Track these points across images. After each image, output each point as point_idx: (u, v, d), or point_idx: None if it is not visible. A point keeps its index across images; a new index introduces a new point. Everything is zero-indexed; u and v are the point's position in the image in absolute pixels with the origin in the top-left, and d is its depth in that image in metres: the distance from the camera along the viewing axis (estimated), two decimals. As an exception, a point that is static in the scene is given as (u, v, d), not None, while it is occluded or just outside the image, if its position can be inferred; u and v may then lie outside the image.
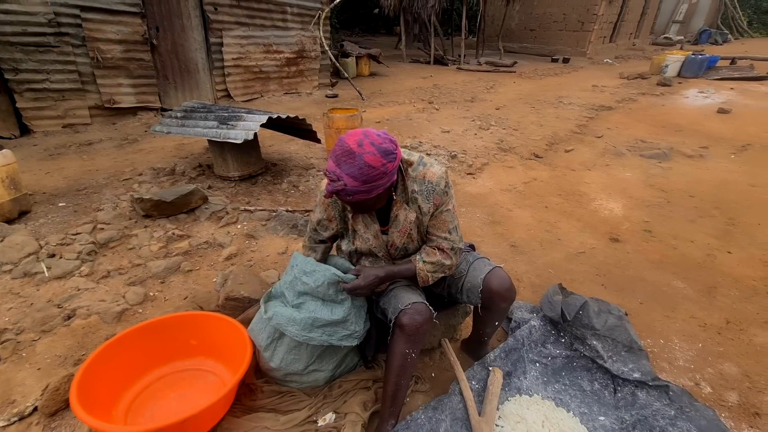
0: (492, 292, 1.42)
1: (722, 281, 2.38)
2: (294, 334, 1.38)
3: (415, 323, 1.29)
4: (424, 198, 1.34)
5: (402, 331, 1.31)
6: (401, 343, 1.32)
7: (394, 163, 1.20)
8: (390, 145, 1.19)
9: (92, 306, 1.97)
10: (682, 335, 1.96)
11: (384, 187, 1.22)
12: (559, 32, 13.47)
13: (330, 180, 1.19)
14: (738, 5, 20.04)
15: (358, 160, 1.14)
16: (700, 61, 9.15)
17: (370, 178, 1.16)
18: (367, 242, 1.45)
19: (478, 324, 1.65)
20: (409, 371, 1.37)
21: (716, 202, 3.35)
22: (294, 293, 1.44)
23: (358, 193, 1.18)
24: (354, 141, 1.17)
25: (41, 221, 2.68)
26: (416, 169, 1.34)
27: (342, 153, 1.17)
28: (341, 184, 1.16)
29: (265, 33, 6.23)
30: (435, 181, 1.33)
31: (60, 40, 4.29)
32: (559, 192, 3.53)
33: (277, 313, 1.42)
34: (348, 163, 1.15)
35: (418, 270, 1.40)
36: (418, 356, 1.37)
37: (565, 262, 2.54)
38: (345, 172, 1.16)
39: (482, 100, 6.89)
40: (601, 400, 1.57)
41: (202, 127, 3.08)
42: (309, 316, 1.38)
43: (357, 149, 1.15)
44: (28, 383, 1.62)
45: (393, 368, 1.34)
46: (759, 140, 4.92)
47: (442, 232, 1.39)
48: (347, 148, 1.16)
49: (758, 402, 1.63)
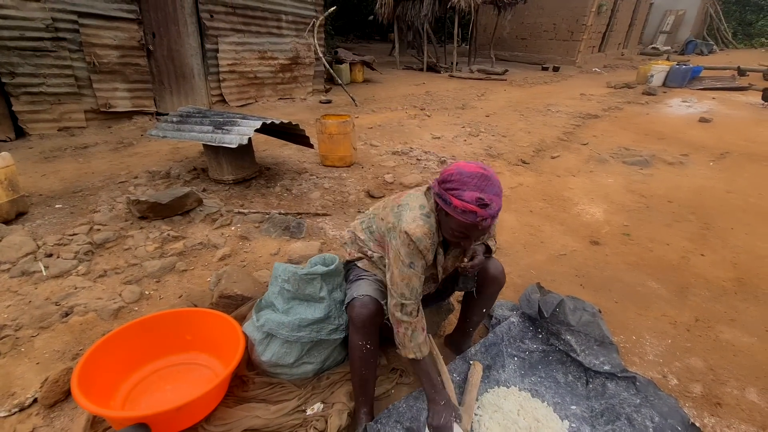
0: (488, 275, 1.54)
1: (694, 282, 2.50)
2: (285, 335, 1.50)
3: (360, 316, 1.36)
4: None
5: (352, 323, 1.39)
6: (354, 335, 1.40)
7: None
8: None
9: (89, 303, 2.04)
10: (653, 332, 2.08)
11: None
12: (549, 41, 13.77)
13: (482, 206, 1.14)
14: (723, 17, 20.60)
15: (494, 180, 1.17)
16: (684, 72, 9.43)
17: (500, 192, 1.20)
18: (447, 271, 1.50)
19: (467, 312, 1.74)
20: (370, 362, 1.43)
21: (693, 208, 3.50)
22: (284, 300, 1.57)
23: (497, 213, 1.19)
24: (477, 167, 1.20)
25: (38, 222, 2.73)
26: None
27: (480, 179, 1.16)
28: (495, 206, 1.16)
29: (260, 40, 6.34)
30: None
31: (57, 45, 4.36)
32: (544, 197, 3.65)
33: (268, 320, 1.55)
34: (489, 185, 1.16)
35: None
36: (376, 347, 1.44)
37: (546, 263, 2.65)
38: (491, 193, 1.16)
39: (473, 108, 7.04)
40: (574, 391, 1.67)
41: (198, 131, 3.16)
42: (296, 318, 1.51)
43: (486, 172, 1.18)
44: (27, 376, 1.68)
45: (354, 360, 1.43)
46: (737, 148, 5.11)
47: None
48: (481, 173, 1.17)
49: (720, 393, 1.75)
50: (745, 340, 2.04)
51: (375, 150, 4.59)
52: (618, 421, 1.48)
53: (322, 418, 1.48)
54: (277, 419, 1.49)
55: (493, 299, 1.67)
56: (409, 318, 1.33)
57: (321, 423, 1.46)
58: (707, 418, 1.63)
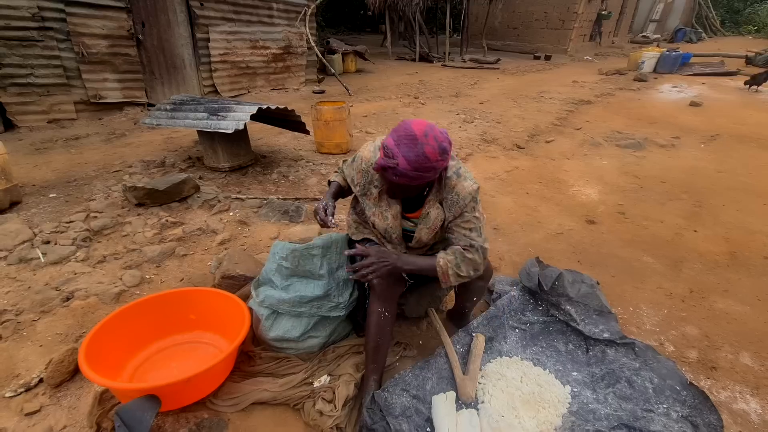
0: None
1: (688, 256, 2.56)
2: (286, 311, 1.51)
3: (383, 284, 1.41)
4: (448, 206, 1.40)
5: (374, 291, 1.44)
6: (375, 303, 1.45)
7: (445, 162, 1.27)
8: (447, 146, 1.25)
9: (90, 288, 2.03)
10: (650, 303, 2.12)
11: (426, 180, 1.27)
12: (540, 30, 13.76)
13: (385, 155, 1.23)
14: (711, 5, 20.72)
15: (419, 147, 1.19)
16: (674, 58, 9.50)
17: (422, 168, 1.21)
18: (386, 221, 1.49)
19: (459, 298, 1.78)
20: (386, 330, 1.47)
21: (685, 187, 3.55)
22: (282, 277, 1.59)
23: (405, 176, 1.23)
24: (420, 129, 1.22)
25: (33, 211, 2.70)
26: (450, 177, 1.39)
27: (405, 135, 1.21)
28: (394, 162, 1.21)
29: (252, 29, 6.27)
30: (463, 195, 1.37)
31: (44, 34, 4.27)
32: (540, 179, 3.69)
33: (267, 296, 1.57)
34: (408, 146, 1.20)
35: (439, 258, 1.37)
36: (394, 316, 1.49)
37: (544, 242, 2.68)
38: (402, 153, 1.20)
39: (467, 95, 7.04)
40: (575, 359, 1.71)
41: (192, 118, 3.13)
42: (296, 295, 1.54)
43: (421, 138, 1.20)
44: (31, 359, 1.68)
45: (371, 327, 1.46)
46: (727, 131, 5.18)
47: (464, 231, 1.39)
48: (412, 133, 1.21)
49: (715, 358, 1.80)
50: (738, 309, 2.10)
51: (371, 137, 4.59)
52: (618, 384, 1.52)
53: (329, 389, 1.50)
54: (285, 392, 1.51)
55: (480, 291, 1.65)
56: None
57: (329, 393, 1.48)
58: (703, 380, 1.68)
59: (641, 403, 1.43)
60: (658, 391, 1.47)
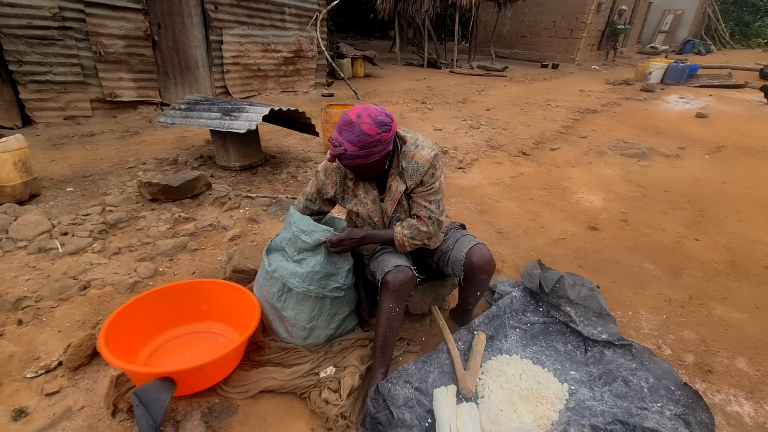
0: (473, 264, 1.60)
1: (688, 264, 2.60)
2: (295, 285, 1.56)
3: (397, 281, 1.48)
4: (409, 175, 1.50)
5: (386, 288, 1.50)
6: (386, 299, 1.51)
7: (389, 134, 1.38)
8: (385, 118, 1.37)
9: (106, 278, 2.11)
10: (649, 308, 2.17)
11: (380, 155, 1.40)
12: (549, 39, 13.84)
13: (333, 146, 1.38)
14: (721, 17, 20.73)
15: (356, 128, 1.34)
16: (682, 69, 9.53)
17: (367, 144, 1.34)
18: (366, 206, 1.61)
19: (463, 293, 1.84)
20: (395, 325, 1.54)
21: (689, 197, 3.59)
22: (295, 249, 1.62)
23: (357, 157, 1.37)
24: (354, 113, 1.37)
25: (51, 203, 2.80)
26: (408, 148, 1.51)
27: (343, 123, 1.37)
28: (342, 149, 1.36)
29: (264, 32, 6.39)
30: (421, 162, 1.47)
31: (64, 33, 4.41)
32: (544, 186, 3.74)
33: (280, 267, 1.61)
34: (348, 131, 1.35)
35: (396, 233, 1.55)
36: (403, 312, 1.56)
37: (546, 246, 2.73)
38: (345, 138, 1.35)
39: (473, 102, 7.12)
40: (573, 359, 1.76)
41: (207, 118, 3.23)
42: (310, 270, 1.57)
43: (356, 119, 1.35)
44: (50, 342, 1.75)
45: (381, 321, 1.52)
46: (732, 142, 5.21)
47: (423, 202, 1.52)
48: (347, 119, 1.37)
49: (711, 362, 1.84)
50: (735, 316, 2.14)
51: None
52: (615, 383, 1.57)
53: (335, 379, 1.56)
54: (292, 381, 1.57)
55: (483, 285, 1.71)
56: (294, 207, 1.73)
57: (334, 383, 1.54)
58: (699, 383, 1.72)
59: (636, 401, 1.48)
60: (653, 391, 1.51)
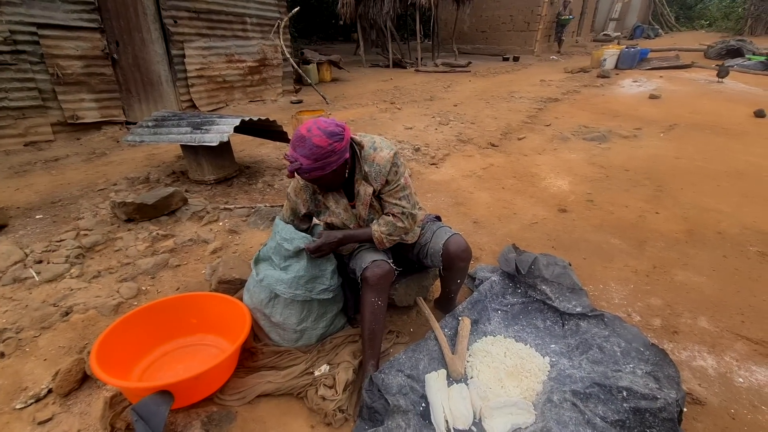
0: (450, 254, 1.68)
1: (651, 236, 2.78)
2: (282, 291, 1.61)
3: (375, 275, 1.55)
4: (374, 178, 1.56)
5: (367, 283, 1.56)
6: (368, 293, 1.57)
7: (342, 143, 1.42)
8: (335, 128, 1.42)
9: (88, 302, 2.08)
10: (618, 280, 2.32)
11: (337, 164, 1.44)
12: (507, 33, 14.26)
13: (289, 162, 1.43)
14: (665, 2, 21.86)
15: (308, 142, 1.38)
16: (633, 54, 10.03)
17: (320, 156, 1.39)
18: (339, 216, 1.67)
19: (444, 283, 1.92)
20: (380, 317, 1.60)
21: (647, 174, 3.82)
22: (280, 257, 1.68)
23: (314, 170, 1.41)
24: (305, 128, 1.42)
25: (21, 233, 2.72)
26: (367, 152, 1.55)
27: (296, 138, 1.42)
28: (298, 164, 1.41)
29: (227, 43, 6.34)
30: (383, 164, 1.53)
31: (17, 57, 4.25)
32: (514, 174, 3.89)
33: (267, 275, 1.66)
34: (300, 146, 1.40)
35: (373, 231, 1.61)
36: (385, 305, 1.62)
37: (520, 231, 2.87)
38: (300, 153, 1.40)
39: (441, 99, 7.28)
40: (552, 333, 1.87)
41: (176, 133, 3.20)
42: (295, 276, 1.62)
43: (306, 134, 1.40)
44: (37, 372, 1.73)
45: (365, 315, 1.59)
46: (684, 120, 5.55)
47: (393, 200, 1.60)
48: (299, 134, 1.41)
49: (676, 323, 2.00)
50: (696, 280, 2.32)
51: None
52: (590, 351, 1.69)
53: (330, 376, 1.61)
54: (288, 382, 1.62)
55: (462, 272, 1.79)
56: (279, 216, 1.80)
57: (329, 380, 1.59)
58: (666, 343, 1.87)
59: (611, 365, 1.60)
60: (625, 354, 1.64)
